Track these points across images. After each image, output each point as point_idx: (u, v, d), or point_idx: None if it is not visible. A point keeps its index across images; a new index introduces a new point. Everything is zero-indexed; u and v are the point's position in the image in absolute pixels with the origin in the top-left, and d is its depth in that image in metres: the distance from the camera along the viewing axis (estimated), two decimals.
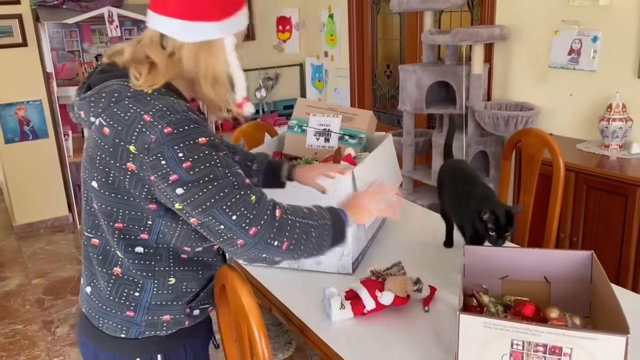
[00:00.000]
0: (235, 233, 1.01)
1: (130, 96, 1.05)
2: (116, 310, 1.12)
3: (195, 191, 0.98)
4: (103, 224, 1.10)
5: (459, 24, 3.80)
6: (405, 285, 1.47)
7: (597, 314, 1.34)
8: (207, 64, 1.09)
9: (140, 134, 1.00)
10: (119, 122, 1.03)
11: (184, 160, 0.98)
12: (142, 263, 1.10)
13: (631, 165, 2.53)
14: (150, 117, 1.00)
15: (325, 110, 1.99)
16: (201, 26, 1.06)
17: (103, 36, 4.41)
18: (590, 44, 2.87)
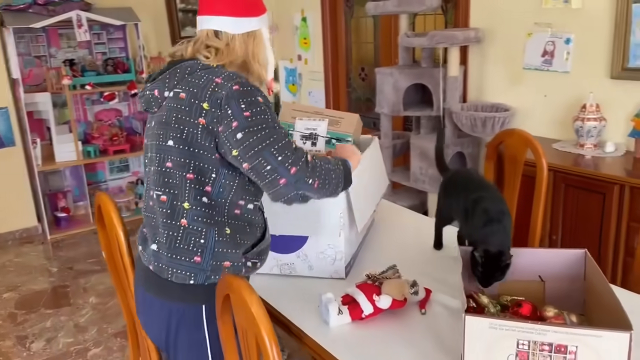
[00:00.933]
0: (279, 173, 1.26)
1: (202, 68, 1.33)
2: (184, 257, 1.30)
3: (250, 136, 1.23)
4: (176, 177, 1.30)
5: (433, 27, 3.84)
6: (402, 289, 1.47)
7: (591, 311, 1.36)
8: (254, 50, 1.40)
9: (212, 92, 1.26)
10: (193, 86, 1.29)
11: (245, 111, 1.24)
12: (205, 212, 1.30)
13: (606, 164, 2.59)
14: (220, 79, 1.28)
15: (311, 114, 1.97)
16: (247, 20, 1.38)
17: (71, 41, 4.29)
18: (563, 45, 2.94)
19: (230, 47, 1.37)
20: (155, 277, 1.35)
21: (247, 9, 1.38)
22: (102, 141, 4.40)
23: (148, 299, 1.40)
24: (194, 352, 1.35)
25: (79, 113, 4.44)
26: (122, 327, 2.91)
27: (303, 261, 1.72)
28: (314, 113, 1.97)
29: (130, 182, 4.77)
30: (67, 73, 3.98)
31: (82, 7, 4.01)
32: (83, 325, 2.96)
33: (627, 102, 2.70)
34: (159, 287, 1.34)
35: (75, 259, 3.82)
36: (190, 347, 1.36)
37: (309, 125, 1.95)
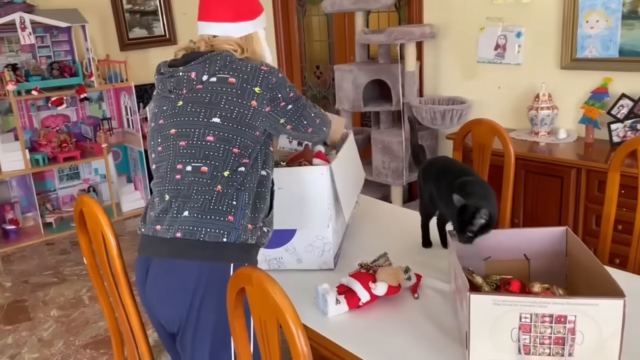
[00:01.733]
0: (311, 124, 1.57)
1: (240, 59, 1.46)
2: (219, 217, 1.39)
3: (296, 107, 1.51)
4: (219, 150, 1.41)
5: (387, 24, 3.93)
6: (397, 275, 1.51)
7: (575, 284, 1.45)
8: (254, 49, 1.55)
9: (263, 79, 1.44)
10: (243, 72, 1.43)
11: (290, 92, 1.50)
12: (239, 178, 1.42)
13: (559, 150, 2.75)
14: (266, 68, 1.46)
15: None
16: (244, 25, 1.52)
17: (13, 44, 4.10)
18: (515, 39, 3.08)
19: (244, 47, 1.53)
20: (182, 242, 1.37)
21: (244, 13, 1.51)
22: (50, 148, 4.22)
23: (170, 267, 1.39)
24: (223, 309, 1.30)
25: (25, 120, 4.24)
26: (90, 338, 2.81)
27: (292, 254, 1.73)
28: None
29: (81, 189, 4.60)
30: (11, 78, 3.79)
31: (25, 8, 3.83)
32: (47, 339, 2.84)
33: (577, 91, 2.87)
34: (188, 249, 1.37)
35: (30, 272, 3.65)
36: (219, 305, 1.33)
37: None
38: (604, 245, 1.94)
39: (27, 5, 3.88)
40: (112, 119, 4.64)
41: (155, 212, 1.45)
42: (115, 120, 4.66)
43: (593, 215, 2.51)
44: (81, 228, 1.63)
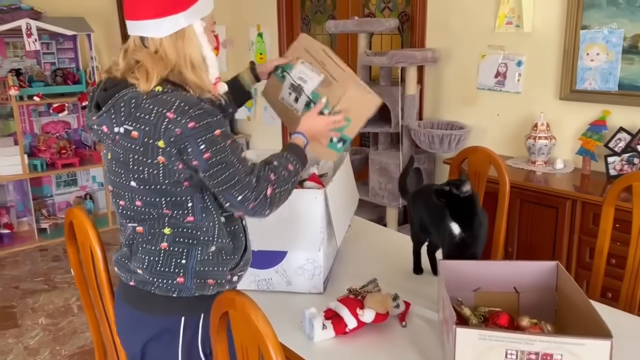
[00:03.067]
0: (239, 208, 1.26)
1: (147, 98, 1.19)
2: (167, 279, 1.27)
3: (212, 178, 1.21)
4: (151, 213, 1.26)
5: (390, 46, 3.95)
6: (385, 303, 1.49)
7: (564, 320, 1.44)
8: (186, 52, 1.24)
9: (166, 129, 1.16)
10: (144, 123, 1.18)
11: (205, 152, 1.18)
12: (188, 232, 1.27)
13: (556, 180, 2.74)
14: (173, 114, 1.16)
15: (317, 62, 1.66)
16: (170, 20, 1.22)
17: (18, 50, 4.12)
18: (515, 67, 3.10)
19: (160, 55, 1.23)
20: (135, 290, 1.32)
21: (169, 5, 1.21)
22: (49, 154, 4.23)
23: (127, 313, 1.36)
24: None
25: (25, 125, 4.26)
26: (77, 348, 2.79)
27: (281, 276, 1.72)
28: (320, 62, 1.66)
29: (78, 196, 4.60)
30: (14, 83, 3.81)
31: (32, 15, 3.86)
32: (34, 347, 2.82)
33: (575, 122, 2.87)
34: (139, 299, 1.32)
35: (20, 278, 3.63)
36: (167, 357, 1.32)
37: (303, 75, 1.67)
38: (596, 279, 1.93)
39: (34, 12, 3.91)
40: None
41: (118, 253, 1.37)
42: None
43: (587, 248, 2.50)
44: (70, 240, 1.63)
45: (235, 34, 5.05)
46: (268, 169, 1.31)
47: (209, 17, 1.30)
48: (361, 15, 4.06)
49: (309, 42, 1.74)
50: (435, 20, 3.48)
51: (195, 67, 1.25)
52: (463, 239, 1.55)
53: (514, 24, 3.04)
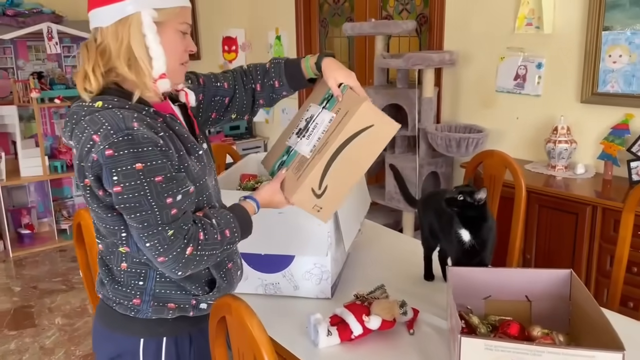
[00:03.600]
0: (148, 254, 1.12)
1: (85, 115, 1.11)
2: (123, 299, 1.22)
3: (123, 211, 1.09)
4: (101, 232, 1.21)
5: (407, 49, 3.91)
6: (392, 309, 1.46)
7: (577, 330, 1.39)
8: (126, 40, 1.12)
9: (87, 152, 1.08)
10: (78, 142, 1.11)
11: (116, 184, 1.06)
12: (142, 258, 1.18)
13: (577, 185, 2.67)
14: (98, 137, 1.06)
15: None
16: (117, 6, 1.12)
17: (40, 53, 4.19)
18: (535, 70, 3.03)
19: (102, 47, 1.13)
20: (103, 305, 1.28)
21: None
22: (69, 156, 4.29)
23: (96, 327, 1.33)
24: None
25: (46, 127, 4.33)
26: (91, 349, 2.80)
27: (289, 281, 1.70)
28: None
29: None
30: (36, 86, 3.87)
31: (53, 19, 3.93)
32: (49, 347, 2.85)
33: (597, 126, 2.80)
34: (105, 315, 1.28)
35: (40, 278, 3.69)
36: None
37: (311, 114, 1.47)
38: (615, 288, 1.87)
39: (55, 16, 3.98)
40: None
41: None
42: None
43: (608, 256, 2.43)
44: (78, 241, 1.63)
45: (254, 37, 5.06)
46: (200, 226, 1.15)
47: (175, 15, 1.17)
48: (379, 17, 4.03)
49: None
50: (454, 22, 3.43)
51: (133, 60, 1.13)
52: (472, 245, 1.51)
53: (534, 25, 2.97)
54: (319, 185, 1.31)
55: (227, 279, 1.29)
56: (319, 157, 1.31)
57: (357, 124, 1.29)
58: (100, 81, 1.13)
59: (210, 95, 1.44)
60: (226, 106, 1.47)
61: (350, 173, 1.37)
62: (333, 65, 1.39)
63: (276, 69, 1.46)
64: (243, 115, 1.51)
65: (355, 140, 1.30)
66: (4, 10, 3.81)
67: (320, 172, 1.31)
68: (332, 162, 1.30)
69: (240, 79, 1.48)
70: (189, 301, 1.24)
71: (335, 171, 1.32)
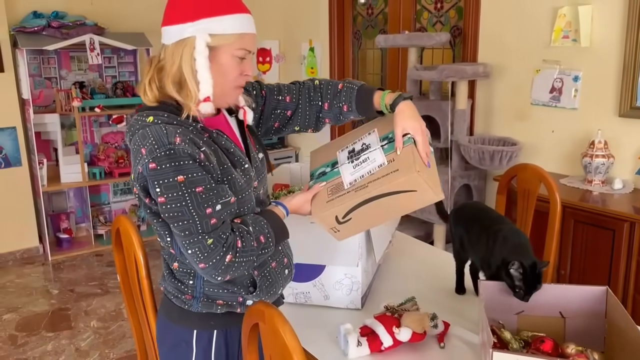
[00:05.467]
0: (190, 260, 1.19)
1: (138, 129, 1.19)
2: (179, 293, 1.31)
3: (168, 220, 1.17)
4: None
5: (441, 60, 3.90)
6: (422, 322, 1.46)
7: (613, 349, 1.36)
8: (176, 61, 1.19)
9: (136, 165, 1.18)
10: (132, 152, 1.21)
11: (160, 196, 1.14)
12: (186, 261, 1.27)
13: (614, 200, 2.61)
14: (145, 151, 1.15)
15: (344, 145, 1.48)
16: (179, 27, 1.19)
17: (82, 63, 4.34)
18: (572, 83, 2.99)
19: (161, 64, 1.23)
20: (165, 298, 1.39)
21: (180, 14, 1.19)
22: (107, 163, 4.41)
23: (159, 318, 1.43)
24: None
25: (86, 135, 4.46)
26: (125, 352, 2.87)
27: (319, 290, 1.71)
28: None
29: (133, 204, 4.76)
30: (77, 95, 4.00)
31: (96, 31, 4.06)
32: (84, 349, 2.92)
33: (635, 140, 2.74)
34: (164, 303, 1.39)
35: (77, 281, 3.79)
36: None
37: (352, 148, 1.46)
38: None
39: (98, 28, 4.12)
40: None
41: None
42: None
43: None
44: (117, 246, 1.68)
45: (287, 48, 5.13)
46: (237, 234, 1.20)
47: (232, 41, 1.20)
48: (412, 29, 4.03)
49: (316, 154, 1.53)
50: (488, 35, 3.41)
51: (183, 81, 1.20)
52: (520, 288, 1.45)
53: (570, 38, 2.93)
54: (344, 216, 1.35)
55: (270, 278, 1.34)
56: (353, 195, 1.31)
57: (401, 186, 1.28)
58: (157, 94, 1.22)
59: (271, 107, 1.47)
60: (288, 118, 1.49)
61: (377, 217, 1.38)
62: (407, 112, 1.32)
63: (347, 93, 1.43)
64: (306, 128, 1.52)
65: (393, 196, 1.29)
66: (49, 22, 3.97)
67: (349, 208, 1.32)
68: (364, 204, 1.31)
69: (307, 94, 1.48)
70: (235, 299, 1.31)
71: (363, 211, 1.33)
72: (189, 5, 1.18)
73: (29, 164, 4.16)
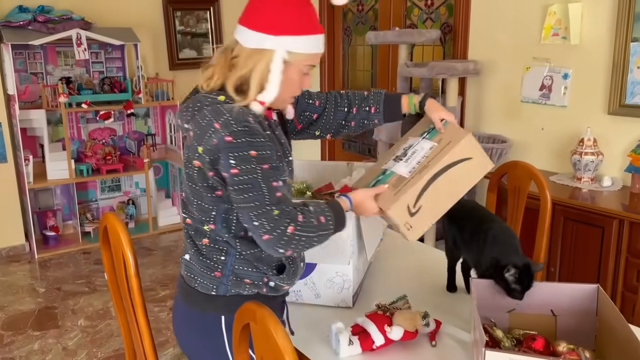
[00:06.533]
0: (253, 232, 1.25)
1: (208, 105, 1.27)
2: (207, 271, 1.34)
3: (236, 192, 1.22)
4: (193, 207, 1.33)
5: (431, 57, 3.90)
6: (414, 320, 1.45)
7: (604, 347, 1.36)
8: (248, 65, 1.27)
9: (208, 138, 1.22)
10: (198, 127, 1.26)
11: (233, 167, 1.21)
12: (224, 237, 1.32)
13: (603, 198, 2.63)
14: (219, 125, 1.21)
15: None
16: (260, 36, 1.26)
17: (69, 58, 4.28)
18: (561, 80, 3.00)
19: (235, 61, 1.30)
20: (185, 284, 1.41)
21: (263, 23, 1.25)
22: (95, 160, 4.36)
23: (179, 306, 1.44)
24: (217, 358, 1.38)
25: (73, 131, 4.40)
26: (113, 351, 2.84)
27: (310, 289, 1.70)
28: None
29: (121, 201, 4.72)
30: (64, 91, 3.95)
31: (83, 25, 4.01)
32: (72, 348, 2.89)
33: (624, 138, 2.75)
34: (187, 294, 1.40)
35: (63, 280, 3.74)
36: (213, 354, 1.38)
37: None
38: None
39: (84, 23, 4.06)
40: (156, 135, 4.76)
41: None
42: (159, 136, 4.78)
43: (634, 270, 2.38)
44: (104, 244, 1.65)
45: None
46: (298, 209, 1.27)
47: (305, 58, 1.29)
48: (403, 26, 4.03)
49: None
50: (479, 32, 3.41)
51: (243, 82, 1.28)
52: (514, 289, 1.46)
53: (560, 36, 2.94)
54: (415, 203, 1.38)
55: (293, 265, 1.40)
56: (418, 177, 1.37)
57: (459, 153, 1.37)
58: (218, 84, 1.31)
59: (300, 109, 1.56)
60: (313, 121, 1.59)
61: (443, 199, 1.42)
62: (436, 104, 1.53)
63: (375, 97, 1.57)
64: (326, 134, 1.62)
65: (453, 168, 1.37)
66: (35, 16, 3.90)
67: (418, 191, 1.37)
68: (430, 184, 1.37)
69: (334, 100, 1.59)
70: (261, 279, 1.35)
71: (430, 194, 1.37)
72: (273, 18, 1.25)
73: (15, 160, 4.09)
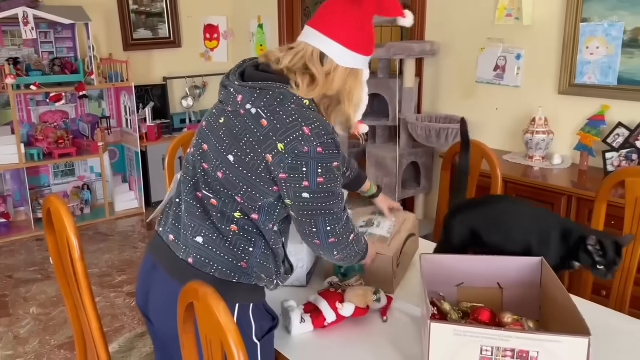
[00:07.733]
0: (320, 236, 1.30)
1: (293, 103, 1.25)
2: (232, 260, 1.30)
3: (315, 200, 1.25)
4: (226, 191, 1.29)
5: (389, 39, 3.90)
6: (365, 296, 1.46)
7: (547, 317, 1.40)
8: (352, 87, 1.32)
9: (294, 140, 1.21)
10: (279, 121, 1.23)
11: (320, 176, 1.23)
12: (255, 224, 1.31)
13: (553, 175, 2.70)
14: (309, 131, 1.21)
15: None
16: (354, 56, 1.29)
17: (15, 38, 4.10)
18: (515, 61, 3.05)
19: (330, 78, 1.29)
20: (192, 270, 1.30)
21: (360, 44, 1.28)
22: (46, 144, 4.21)
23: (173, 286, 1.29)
24: None
25: (22, 114, 4.24)
26: (66, 338, 2.77)
27: None
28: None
29: (75, 187, 4.58)
30: (11, 72, 3.79)
31: (29, 4, 3.84)
32: (24, 336, 2.81)
33: (574, 117, 2.82)
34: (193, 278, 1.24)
35: (15, 267, 3.63)
36: None
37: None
38: (587, 276, 1.89)
39: (31, 1, 3.89)
40: (111, 117, 4.63)
41: (171, 218, 1.38)
42: (114, 119, 4.65)
43: None
44: (48, 228, 1.60)
45: (236, 25, 5.01)
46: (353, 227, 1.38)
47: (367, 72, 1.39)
48: None
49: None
50: (435, 13, 3.43)
51: (353, 103, 1.35)
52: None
53: (513, 17, 2.99)
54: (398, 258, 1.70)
55: (292, 268, 1.48)
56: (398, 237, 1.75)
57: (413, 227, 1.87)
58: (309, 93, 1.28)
59: None
60: None
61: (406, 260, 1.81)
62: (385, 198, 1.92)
63: (353, 167, 1.81)
64: None
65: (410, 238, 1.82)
66: None
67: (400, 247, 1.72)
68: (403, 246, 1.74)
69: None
70: (272, 275, 1.36)
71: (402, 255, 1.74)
72: (366, 39, 1.29)
73: None
